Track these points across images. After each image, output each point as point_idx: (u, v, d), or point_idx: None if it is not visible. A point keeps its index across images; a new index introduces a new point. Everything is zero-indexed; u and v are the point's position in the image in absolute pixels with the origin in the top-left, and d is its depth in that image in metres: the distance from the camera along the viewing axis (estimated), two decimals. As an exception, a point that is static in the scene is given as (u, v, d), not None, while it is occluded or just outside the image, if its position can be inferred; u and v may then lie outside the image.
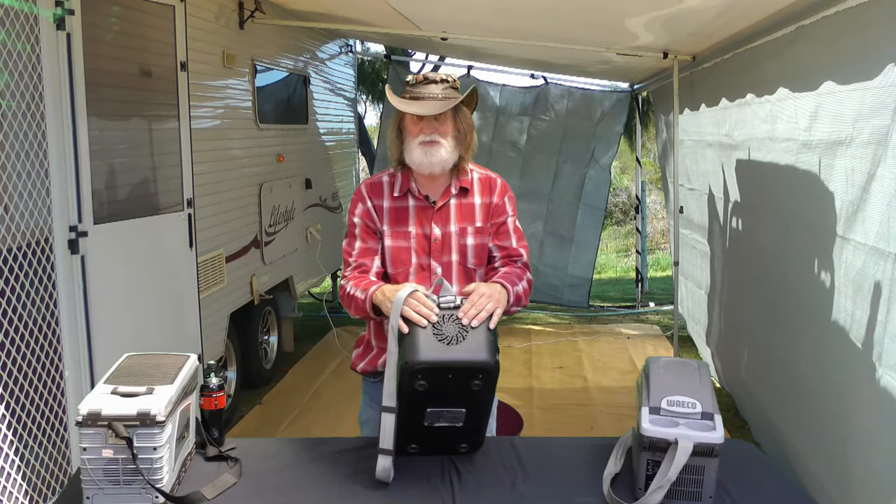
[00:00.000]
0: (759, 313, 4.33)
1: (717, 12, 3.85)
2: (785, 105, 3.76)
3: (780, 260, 3.94)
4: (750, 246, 4.55)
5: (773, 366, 4.06)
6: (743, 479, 1.93)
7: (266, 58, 5.49)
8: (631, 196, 13.74)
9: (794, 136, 3.65)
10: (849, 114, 3.00)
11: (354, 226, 2.35)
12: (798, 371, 3.62)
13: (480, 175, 2.42)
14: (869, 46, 2.79)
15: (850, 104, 2.98)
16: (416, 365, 1.89)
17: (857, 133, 2.93)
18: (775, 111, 3.91)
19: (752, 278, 4.51)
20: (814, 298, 3.38)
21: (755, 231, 4.45)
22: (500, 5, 4.56)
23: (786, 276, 3.85)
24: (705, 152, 5.49)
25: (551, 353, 6.59)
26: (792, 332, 3.75)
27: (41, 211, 2.93)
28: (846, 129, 3.02)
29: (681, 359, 2.25)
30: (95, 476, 1.74)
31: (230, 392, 4.98)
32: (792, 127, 3.66)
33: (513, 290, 2.20)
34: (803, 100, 3.50)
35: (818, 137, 3.34)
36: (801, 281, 3.59)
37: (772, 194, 4.09)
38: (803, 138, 3.52)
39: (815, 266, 3.37)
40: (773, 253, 4.06)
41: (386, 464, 1.90)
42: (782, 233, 3.92)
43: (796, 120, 3.60)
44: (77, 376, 3.09)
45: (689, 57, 5.26)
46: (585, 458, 2.03)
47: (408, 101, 2.27)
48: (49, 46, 2.94)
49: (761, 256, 4.28)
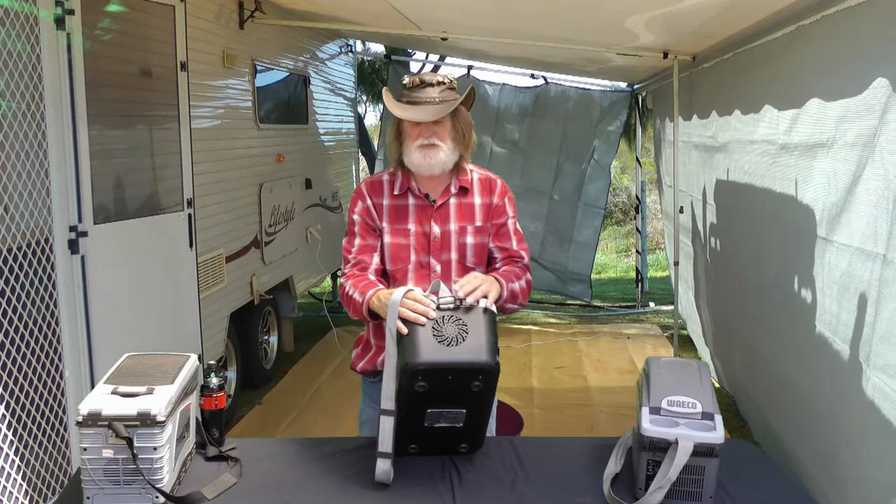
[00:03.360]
0: (744, 315, 4.34)
1: (717, 12, 3.85)
2: (767, 109, 3.77)
3: (762, 262, 3.95)
4: (732, 248, 4.56)
5: (761, 367, 4.06)
6: (743, 479, 1.93)
7: (266, 58, 5.49)
8: (631, 196, 13.74)
9: (773, 139, 3.66)
10: (832, 116, 3.00)
11: (354, 223, 2.36)
12: (783, 371, 3.63)
13: (480, 175, 2.42)
14: (860, 49, 2.79)
15: (834, 107, 2.99)
16: (416, 367, 1.88)
17: (839, 135, 2.93)
18: (757, 115, 3.92)
19: (735, 280, 4.51)
20: (797, 300, 3.39)
21: (737, 233, 4.46)
22: (500, 5, 4.56)
23: (767, 278, 3.86)
24: (691, 154, 5.51)
25: (551, 353, 6.58)
26: (777, 334, 3.76)
27: (41, 211, 2.93)
28: (828, 131, 3.03)
29: (681, 359, 2.25)
30: (95, 476, 1.74)
31: (230, 392, 4.98)
32: (772, 130, 3.67)
33: (507, 285, 2.21)
34: (787, 102, 3.50)
35: (797, 140, 3.35)
36: (782, 283, 3.60)
37: (752, 196, 4.10)
38: (783, 141, 3.53)
39: (797, 268, 3.38)
40: (755, 255, 4.07)
41: (385, 467, 1.89)
42: (763, 235, 3.93)
43: (777, 123, 3.61)
44: (77, 376, 3.09)
45: (689, 57, 5.26)
46: (585, 458, 2.04)
47: (405, 106, 2.27)
48: (49, 46, 2.94)
49: (743, 258, 4.29)
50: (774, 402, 3.88)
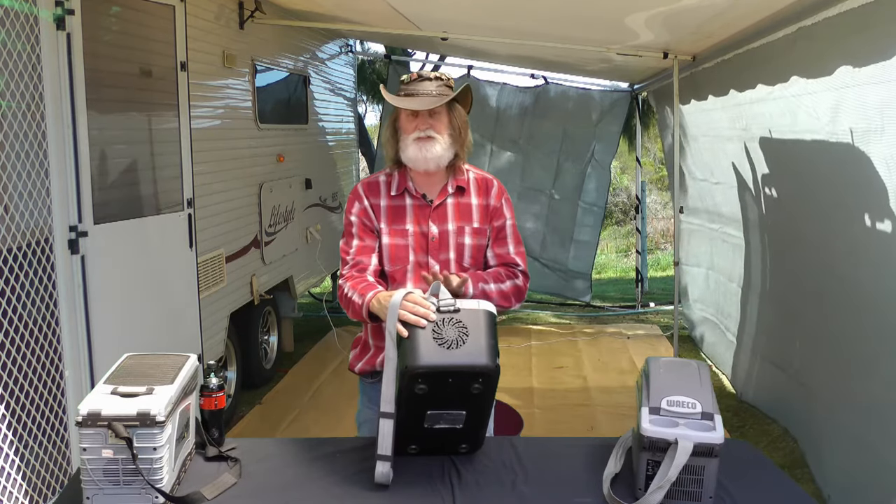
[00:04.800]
0: (812, 303, 4.21)
1: (717, 12, 3.85)
2: (803, 99, 3.75)
3: (825, 248, 3.90)
4: (791, 236, 4.50)
5: (837, 351, 3.95)
6: (743, 479, 1.93)
7: (266, 58, 5.49)
8: (631, 196, 13.75)
9: (815, 129, 3.65)
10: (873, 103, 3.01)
11: (351, 224, 2.35)
12: (864, 354, 3.52)
13: (477, 175, 2.43)
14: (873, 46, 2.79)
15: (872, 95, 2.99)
16: (416, 369, 1.88)
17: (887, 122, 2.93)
18: (792, 105, 3.90)
19: (798, 268, 4.43)
20: (870, 286, 3.33)
21: (794, 221, 4.40)
22: (500, 5, 4.56)
23: (833, 265, 3.80)
24: (726, 146, 5.44)
25: (551, 352, 6.59)
26: (851, 319, 3.66)
27: (41, 211, 2.93)
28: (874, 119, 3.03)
29: (681, 359, 2.25)
30: (95, 476, 1.73)
31: (230, 392, 4.98)
32: (813, 120, 3.66)
33: (479, 284, 2.25)
34: (821, 92, 3.49)
35: (842, 128, 3.35)
36: (852, 269, 3.55)
37: (801, 185, 4.06)
38: (828, 129, 3.51)
39: (874, 257, 3.33)
40: (816, 242, 4.02)
41: (384, 469, 1.89)
42: (822, 222, 3.89)
43: (817, 114, 3.59)
44: (77, 376, 3.09)
45: (689, 57, 5.26)
46: (585, 458, 2.03)
47: (402, 98, 2.29)
48: (49, 46, 2.94)
49: (803, 246, 4.24)
50: (848, 389, 3.79)
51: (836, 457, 3.68)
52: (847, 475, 3.53)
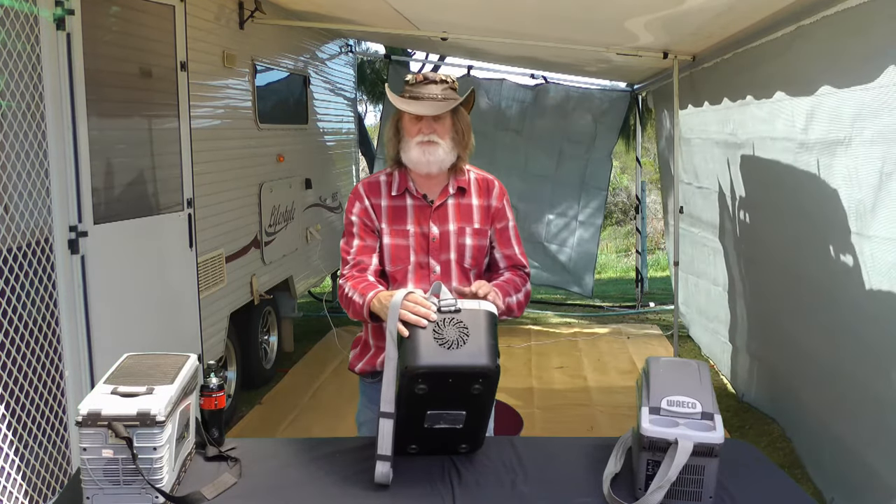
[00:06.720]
0: (790, 311, 4.23)
1: (717, 12, 3.85)
2: (782, 105, 3.75)
3: (797, 257, 3.91)
4: (763, 243, 4.52)
5: (814, 358, 3.97)
6: (743, 479, 1.93)
7: (266, 58, 5.49)
8: (631, 196, 13.74)
9: (791, 136, 3.65)
10: (848, 113, 3.00)
11: (352, 224, 2.35)
12: (841, 362, 3.54)
13: (477, 176, 2.42)
14: (869, 48, 2.78)
15: (849, 104, 2.98)
16: (416, 370, 1.88)
17: (855, 133, 2.93)
18: (774, 111, 3.90)
19: (772, 274, 4.46)
20: (841, 293, 3.35)
21: (767, 228, 4.42)
22: (500, 5, 4.56)
23: (805, 273, 3.82)
24: (713, 151, 5.47)
25: (551, 352, 6.59)
26: (828, 326, 3.68)
27: (41, 211, 2.93)
28: (845, 128, 3.03)
29: (681, 359, 2.25)
30: (95, 476, 1.73)
31: (230, 392, 4.98)
32: (789, 127, 3.66)
33: (505, 300, 2.22)
34: (800, 100, 3.50)
35: (815, 137, 3.35)
36: (823, 278, 3.56)
37: (777, 192, 4.07)
38: (801, 138, 3.52)
39: (835, 262, 3.35)
40: (788, 250, 4.03)
41: (384, 469, 1.89)
42: (794, 230, 3.90)
43: (793, 120, 3.60)
44: (77, 376, 3.09)
45: (689, 57, 5.26)
46: (585, 458, 2.03)
47: (407, 101, 2.28)
48: (49, 46, 2.94)
49: (776, 253, 4.25)
50: (823, 393, 3.82)
51: (833, 460, 3.69)
52: (844, 478, 3.54)
